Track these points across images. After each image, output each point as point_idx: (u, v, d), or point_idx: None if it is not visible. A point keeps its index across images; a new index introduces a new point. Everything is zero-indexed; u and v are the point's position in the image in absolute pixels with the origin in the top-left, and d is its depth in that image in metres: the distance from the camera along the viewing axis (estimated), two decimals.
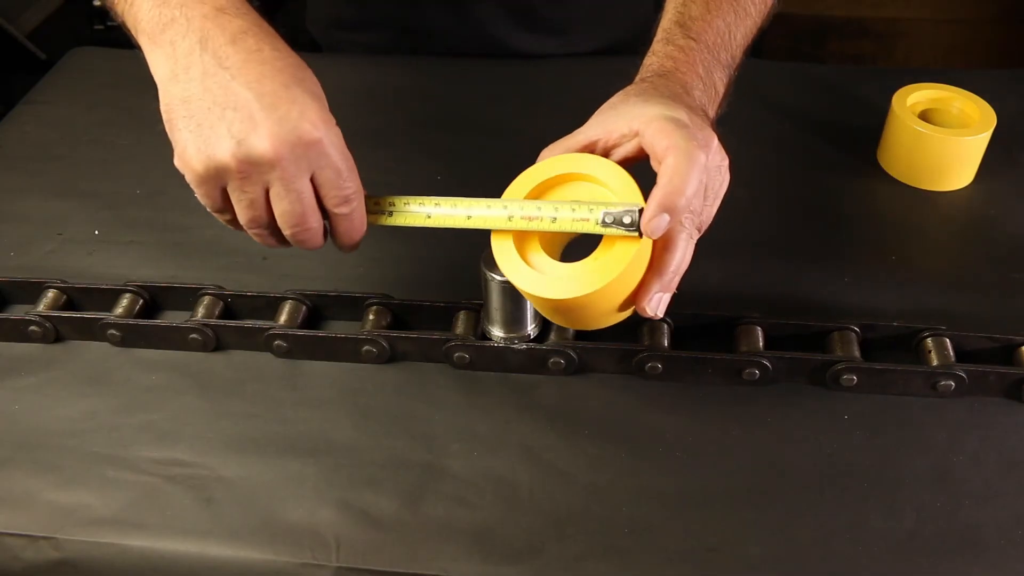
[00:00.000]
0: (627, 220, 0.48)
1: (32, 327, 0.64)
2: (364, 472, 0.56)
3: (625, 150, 0.52)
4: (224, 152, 0.48)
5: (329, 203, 0.51)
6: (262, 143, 0.47)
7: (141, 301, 0.65)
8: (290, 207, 0.50)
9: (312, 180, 0.50)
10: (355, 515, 0.53)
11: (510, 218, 0.51)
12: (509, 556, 0.51)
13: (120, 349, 0.64)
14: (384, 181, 0.78)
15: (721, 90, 0.58)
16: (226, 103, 0.48)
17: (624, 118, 0.51)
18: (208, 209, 0.52)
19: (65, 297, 0.66)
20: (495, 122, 0.85)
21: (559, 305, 0.50)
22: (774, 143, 0.82)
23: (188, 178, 0.50)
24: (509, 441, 0.57)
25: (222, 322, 0.63)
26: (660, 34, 0.59)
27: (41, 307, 0.64)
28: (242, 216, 0.51)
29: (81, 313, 0.65)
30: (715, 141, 0.51)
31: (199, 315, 0.63)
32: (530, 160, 0.54)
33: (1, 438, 0.59)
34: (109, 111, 0.87)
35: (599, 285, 0.48)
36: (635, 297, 0.51)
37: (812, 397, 0.59)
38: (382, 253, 0.70)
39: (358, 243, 0.54)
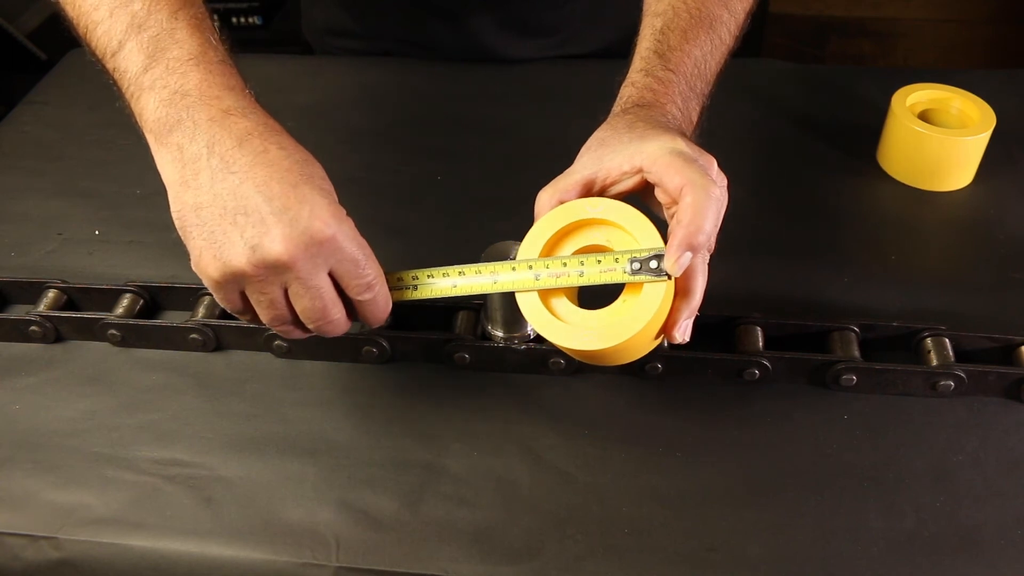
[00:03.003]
0: (654, 265, 0.48)
1: (32, 327, 0.64)
2: (364, 472, 0.56)
3: (624, 186, 0.51)
4: (239, 258, 0.48)
5: (351, 293, 0.51)
6: (276, 247, 0.47)
7: (141, 301, 0.65)
8: (311, 303, 0.50)
9: (331, 273, 0.50)
10: (355, 515, 0.53)
11: (537, 278, 0.51)
12: (509, 556, 0.51)
13: (120, 349, 0.64)
14: (384, 181, 0.78)
15: (695, 120, 0.58)
16: (236, 208, 0.48)
17: (621, 154, 0.51)
18: (228, 311, 0.53)
19: (65, 297, 0.66)
20: (492, 123, 0.85)
21: (595, 353, 0.50)
22: (774, 143, 0.82)
23: (206, 283, 0.51)
24: (509, 441, 0.57)
25: (222, 322, 0.63)
26: (638, 63, 0.59)
27: (41, 307, 0.64)
28: (264, 315, 0.52)
29: (81, 313, 0.65)
30: (715, 164, 0.51)
31: (199, 315, 0.63)
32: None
33: (1, 438, 0.59)
34: (109, 111, 0.87)
35: (636, 330, 0.48)
36: (665, 328, 0.51)
37: (812, 397, 0.59)
38: (382, 253, 0.70)
39: (384, 320, 0.54)
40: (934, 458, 0.55)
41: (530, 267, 0.51)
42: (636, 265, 0.49)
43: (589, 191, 0.52)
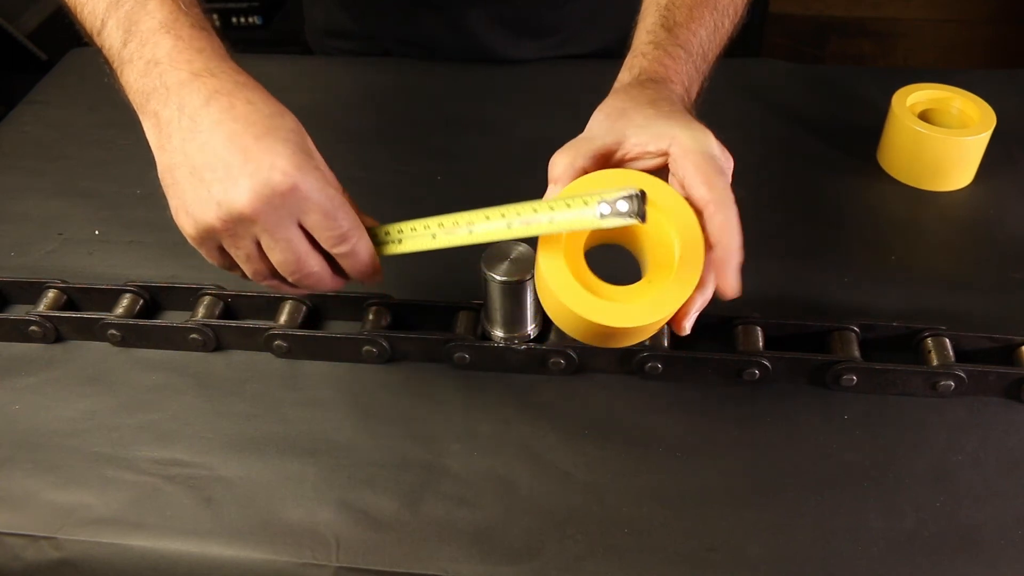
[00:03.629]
0: (624, 208, 0.46)
1: (32, 327, 0.64)
2: (364, 472, 0.56)
3: (644, 165, 0.51)
4: (209, 214, 0.48)
5: (325, 245, 0.51)
6: (239, 200, 0.47)
7: (141, 301, 0.65)
8: (282, 256, 0.50)
9: (304, 225, 0.50)
10: (355, 515, 0.53)
11: (509, 226, 0.49)
12: (509, 556, 0.51)
13: (120, 349, 0.64)
14: (384, 181, 0.78)
15: (694, 97, 0.58)
16: (204, 165, 0.48)
17: (647, 132, 0.50)
18: (217, 266, 0.53)
19: (65, 297, 0.66)
20: (492, 123, 0.85)
21: (616, 331, 0.48)
22: (774, 143, 0.82)
23: (188, 240, 0.52)
24: (509, 441, 0.57)
25: (222, 322, 0.63)
26: (645, 36, 0.58)
27: (41, 307, 0.64)
28: (246, 270, 0.52)
29: (81, 313, 0.65)
30: (732, 164, 0.51)
31: (199, 315, 0.63)
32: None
33: (1, 438, 0.59)
34: (109, 111, 0.87)
35: (666, 313, 0.47)
36: (676, 317, 0.50)
37: (812, 397, 0.59)
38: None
39: (374, 275, 0.54)
40: (934, 458, 0.55)
41: (502, 215, 0.50)
42: (606, 208, 0.47)
43: (607, 161, 0.51)
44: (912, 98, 0.77)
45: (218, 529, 0.53)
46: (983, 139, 0.74)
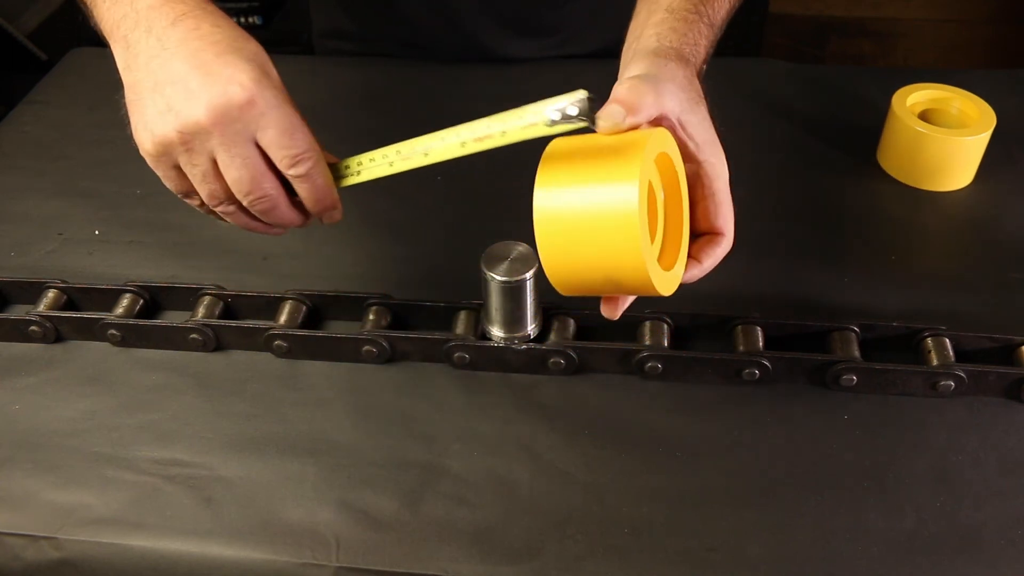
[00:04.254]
0: (572, 112, 0.45)
1: (32, 327, 0.64)
2: (364, 472, 0.56)
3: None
4: (167, 126, 0.49)
5: (281, 166, 0.51)
6: (196, 111, 0.48)
7: (141, 301, 0.65)
8: (237, 173, 0.50)
9: (260, 144, 0.50)
10: (355, 515, 0.53)
11: (463, 144, 0.50)
12: (509, 556, 0.51)
13: (120, 349, 0.64)
14: (385, 182, 0.78)
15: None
16: (166, 80, 0.49)
17: (698, 130, 0.49)
18: (176, 193, 0.54)
19: (65, 297, 0.66)
20: None
21: (646, 292, 0.47)
22: (774, 143, 0.82)
23: (146, 160, 0.52)
24: (509, 441, 0.57)
25: (222, 322, 0.63)
26: (683, 2, 0.57)
27: (41, 307, 0.64)
28: (202, 192, 0.52)
29: (81, 313, 0.65)
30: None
31: (199, 315, 0.63)
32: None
33: (1, 438, 0.59)
34: (109, 111, 0.87)
35: (673, 287, 0.48)
36: (618, 299, 0.52)
37: (812, 397, 0.59)
38: (382, 253, 0.71)
39: (332, 208, 0.54)
40: (934, 458, 0.55)
41: (457, 134, 0.50)
42: (556, 114, 0.46)
43: (657, 121, 0.49)
44: (912, 98, 0.77)
45: (218, 529, 0.53)
46: (983, 139, 0.74)
